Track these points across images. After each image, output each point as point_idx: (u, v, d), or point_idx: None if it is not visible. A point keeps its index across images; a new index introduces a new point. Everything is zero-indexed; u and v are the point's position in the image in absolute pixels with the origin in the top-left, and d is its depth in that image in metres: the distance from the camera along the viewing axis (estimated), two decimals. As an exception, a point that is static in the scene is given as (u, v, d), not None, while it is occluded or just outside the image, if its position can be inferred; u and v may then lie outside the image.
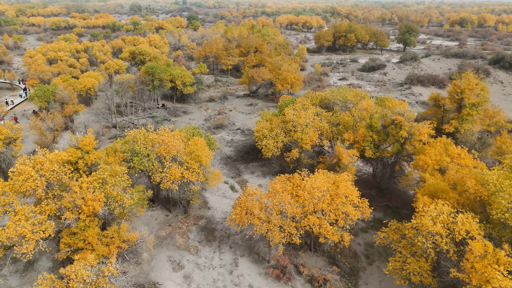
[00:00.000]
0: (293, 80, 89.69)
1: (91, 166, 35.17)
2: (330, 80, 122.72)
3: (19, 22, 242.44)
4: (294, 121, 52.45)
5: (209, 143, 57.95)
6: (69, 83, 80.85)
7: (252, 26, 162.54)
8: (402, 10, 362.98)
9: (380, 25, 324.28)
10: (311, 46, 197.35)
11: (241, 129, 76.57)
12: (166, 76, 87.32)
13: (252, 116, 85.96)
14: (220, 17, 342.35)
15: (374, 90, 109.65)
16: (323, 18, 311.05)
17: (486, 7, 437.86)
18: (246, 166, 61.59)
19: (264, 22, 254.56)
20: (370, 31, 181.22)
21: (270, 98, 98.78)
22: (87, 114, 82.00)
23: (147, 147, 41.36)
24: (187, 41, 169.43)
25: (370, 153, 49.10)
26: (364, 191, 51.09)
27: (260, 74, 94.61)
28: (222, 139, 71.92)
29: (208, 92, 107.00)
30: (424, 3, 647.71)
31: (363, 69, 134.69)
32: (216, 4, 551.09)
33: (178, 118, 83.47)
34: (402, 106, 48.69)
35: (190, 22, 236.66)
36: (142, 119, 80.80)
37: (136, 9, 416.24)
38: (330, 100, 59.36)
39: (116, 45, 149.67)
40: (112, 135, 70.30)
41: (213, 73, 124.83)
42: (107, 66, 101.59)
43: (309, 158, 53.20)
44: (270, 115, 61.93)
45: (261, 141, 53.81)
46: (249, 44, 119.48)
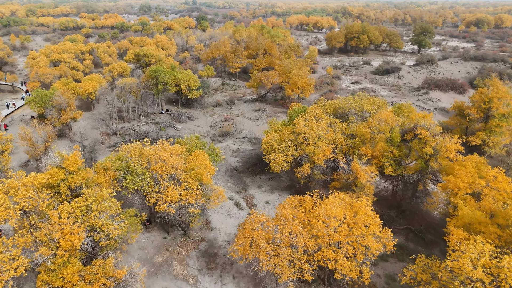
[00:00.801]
0: (303, 84, 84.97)
1: (76, 189, 31.06)
2: (342, 84, 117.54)
3: (28, 22, 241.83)
4: (306, 133, 47.81)
5: (213, 155, 53.70)
6: (70, 87, 77.44)
7: (262, 27, 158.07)
8: (415, 11, 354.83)
9: (393, 25, 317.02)
10: (322, 47, 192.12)
11: (248, 137, 72.14)
12: (171, 80, 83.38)
13: (260, 123, 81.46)
14: (229, 17, 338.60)
15: (389, 94, 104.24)
16: (334, 19, 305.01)
17: (502, 7, 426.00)
18: (253, 179, 57.09)
19: (274, 23, 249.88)
20: (383, 32, 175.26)
21: (279, 103, 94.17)
22: (88, 119, 78.41)
23: (142, 164, 37.15)
24: (195, 42, 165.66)
25: (390, 170, 44.22)
26: (382, 211, 46.26)
27: (269, 78, 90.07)
28: (227, 148, 67.56)
29: (215, 96, 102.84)
30: (437, 3, 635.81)
31: (377, 72, 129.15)
32: (226, 4, 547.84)
33: (182, 124, 79.38)
34: (426, 119, 43.68)
35: (199, 22, 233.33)
36: (145, 126, 76.91)
37: (146, 9, 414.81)
38: (344, 109, 54.54)
39: (123, 46, 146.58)
40: (112, 143, 66.48)
41: (220, 76, 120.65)
42: (111, 69, 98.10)
43: (322, 174, 48.54)
44: (279, 125, 57.38)
45: (269, 155, 49.28)
46: (258, 46, 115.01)
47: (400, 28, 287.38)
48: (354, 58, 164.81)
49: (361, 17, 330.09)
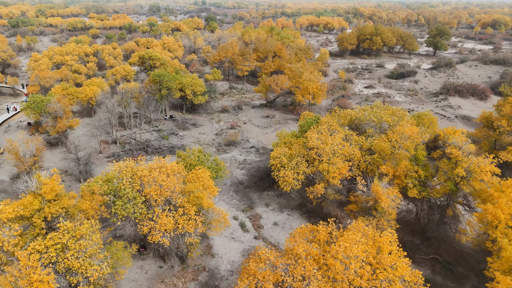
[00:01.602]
0: (315, 90, 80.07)
1: (54, 219, 26.86)
2: (355, 88, 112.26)
3: (36, 22, 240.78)
4: (319, 148, 43.01)
5: (217, 169, 49.29)
6: (69, 92, 73.84)
7: (271, 28, 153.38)
8: (429, 11, 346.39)
9: (406, 26, 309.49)
10: (333, 49, 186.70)
11: (255, 147, 67.52)
12: (175, 84, 79.22)
13: (268, 131, 76.80)
14: (238, 18, 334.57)
15: (404, 100, 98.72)
16: (345, 19, 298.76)
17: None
18: (260, 195, 52.46)
19: (284, 24, 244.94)
20: (397, 34, 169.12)
21: (289, 109, 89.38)
22: (88, 126, 74.64)
23: (135, 187, 32.78)
24: (203, 44, 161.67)
25: (415, 192, 39.20)
26: (404, 237, 41.27)
27: (278, 83, 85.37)
28: (233, 159, 63.04)
29: (222, 101, 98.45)
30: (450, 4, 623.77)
31: (391, 76, 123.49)
32: (236, 5, 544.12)
33: (186, 132, 75.15)
34: (457, 135, 38.53)
35: (208, 23, 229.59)
36: (147, 133, 72.84)
37: (155, 10, 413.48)
38: (361, 120, 49.60)
39: (129, 48, 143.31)
40: (111, 153, 62.45)
41: (227, 79, 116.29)
42: (114, 72, 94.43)
43: (337, 193, 43.74)
44: (289, 136, 52.69)
45: (278, 171, 44.63)
46: (267, 49, 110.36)
47: (413, 29, 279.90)
48: (366, 60, 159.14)
49: (373, 18, 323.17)
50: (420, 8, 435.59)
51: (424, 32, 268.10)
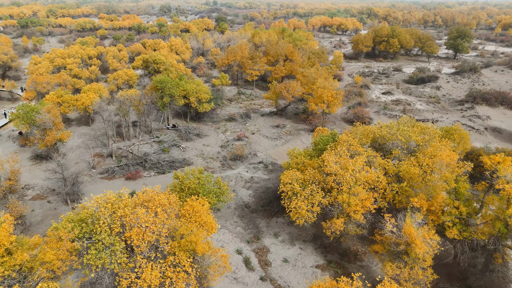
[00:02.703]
0: (330, 98, 73.40)
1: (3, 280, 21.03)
2: (372, 94, 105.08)
3: (45, 23, 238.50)
4: (338, 174, 36.53)
5: (220, 193, 43.25)
6: (64, 100, 68.70)
7: (283, 30, 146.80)
8: (446, 12, 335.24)
9: (422, 27, 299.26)
10: (347, 51, 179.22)
11: (264, 162, 61.20)
12: (178, 91, 73.46)
13: (278, 143, 70.43)
14: (249, 18, 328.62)
15: (426, 108, 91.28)
16: (359, 20, 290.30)
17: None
18: (268, 222, 46.17)
19: (296, 24, 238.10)
20: (415, 36, 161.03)
21: (301, 117, 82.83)
22: (84, 136, 69.34)
23: (114, 229, 26.80)
24: (212, 46, 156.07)
25: (455, 232, 32.47)
26: (440, 283, 34.46)
27: (290, 90, 78.92)
28: (239, 177, 56.85)
29: (229, 107, 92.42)
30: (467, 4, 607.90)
31: (410, 80, 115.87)
32: (247, 5, 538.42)
33: (189, 143, 69.29)
34: (509, 165, 31.54)
35: (218, 24, 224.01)
36: (146, 145, 67.18)
37: (166, 10, 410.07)
38: (386, 139, 42.89)
39: (135, 50, 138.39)
40: (105, 169, 56.82)
41: (236, 84, 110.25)
42: (116, 76, 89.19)
43: (359, 227, 37.19)
44: (302, 155, 46.25)
45: (289, 200, 38.29)
46: (279, 52, 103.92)
47: (430, 30, 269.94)
48: (383, 64, 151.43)
49: (387, 18, 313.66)
50: (437, 8, 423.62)
51: (442, 33, 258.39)
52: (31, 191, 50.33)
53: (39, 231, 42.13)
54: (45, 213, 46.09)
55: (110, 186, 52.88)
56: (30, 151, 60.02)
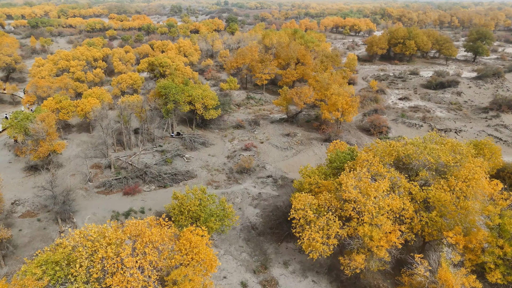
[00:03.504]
0: (345, 106, 68.38)
1: None
2: (388, 100, 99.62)
3: (56, 23, 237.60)
4: (358, 201, 31.75)
5: (223, 216, 38.89)
6: (63, 106, 65.13)
7: (295, 31, 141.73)
8: (462, 12, 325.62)
9: (438, 28, 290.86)
10: (360, 53, 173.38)
11: (273, 176, 56.54)
12: (184, 97, 69.34)
13: (289, 154, 65.67)
14: (260, 18, 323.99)
15: (447, 116, 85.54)
16: (373, 21, 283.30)
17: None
18: (277, 248, 41.56)
19: (308, 25, 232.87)
20: (432, 37, 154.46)
21: (313, 125, 77.92)
22: (83, 144, 65.63)
23: (93, 273, 22.49)
24: (221, 47, 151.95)
25: (497, 276, 27.43)
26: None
27: (301, 96, 74.11)
28: (246, 193, 52.31)
29: (237, 113, 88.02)
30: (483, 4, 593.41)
31: (429, 85, 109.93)
32: (258, 5, 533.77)
33: (194, 153, 65.05)
34: None
35: (228, 24, 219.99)
36: (148, 154, 63.16)
37: (177, 10, 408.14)
38: (412, 159, 37.86)
39: (143, 51, 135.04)
40: (102, 183, 52.78)
41: (245, 88, 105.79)
42: (120, 80, 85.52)
43: (382, 262, 32.34)
44: (316, 174, 41.47)
45: (302, 228, 33.65)
46: (290, 55, 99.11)
47: (446, 32, 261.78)
48: (398, 66, 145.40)
49: (402, 19, 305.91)
50: (452, 8, 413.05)
51: (459, 34, 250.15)
52: (21, 207, 46.61)
53: (24, 255, 38.24)
54: (34, 233, 42.24)
55: (106, 202, 48.88)
56: (25, 161, 56.48)
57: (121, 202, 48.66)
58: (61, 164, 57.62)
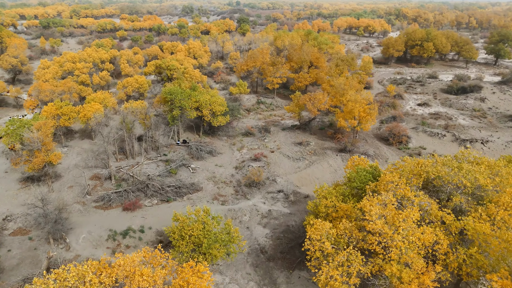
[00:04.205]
0: (362, 113, 63.74)
1: None
2: (406, 106, 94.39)
3: (67, 23, 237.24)
4: (383, 234, 27.37)
5: (228, 240, 34.95)
6: (63, 112, 62.02)
7: (308, 32, 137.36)
8: (481, 13, 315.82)
9: (455, 29, 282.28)
10: (375, 55, 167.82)
11: (284, 191, 52.29)
12: (190, 103, 65.64)
13: (301, 165, 61.30)
14: (272, 19, 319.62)
15: (471, 124, 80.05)
16: (387, 22, 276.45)
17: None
18: (289, 276, 37.33)
19: (321, 26, 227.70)
20: (451, 39, 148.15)
21: (327, 133, 73.41)
22: (84, 153, 62.39)
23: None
24: (232, 49, 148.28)
25: (555, 332, 22.71)
26: None
27: (315, 103, 69.72)
28: (254, 210, 48.19)
29: (247, 119, 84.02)
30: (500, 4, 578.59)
31: (449, 90, 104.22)
32: (270, 5, 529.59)
33: (200, 163, 61.20)
34: None
35: (240, 25, 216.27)
36: (152, 164, 59.54)
37: (188, 11, 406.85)
38: (444, 180, 33.23)
39: (152, 53, 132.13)
40: (100, 196, 49.21)
41: (255, 91, 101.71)
42: (125, 84, 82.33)
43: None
44: (333, 195, 37.08)
45: (318, 263, 29.39)
46: (303, 58, 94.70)
47: (463, 33, 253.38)
48: (415, 69, 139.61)
49: (417, 20, 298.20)
50: (469, 9, 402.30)
51: (477, 36, 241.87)
52: (13, 224, 43.36)
53: (11, 280, 34.86)
54: (24, 254, 38.86)
55: (104, 218, 45.31)
56: (21, 171, 53.40)
57: (119, 219, 45.05)
58: (59, 175, 54.38)
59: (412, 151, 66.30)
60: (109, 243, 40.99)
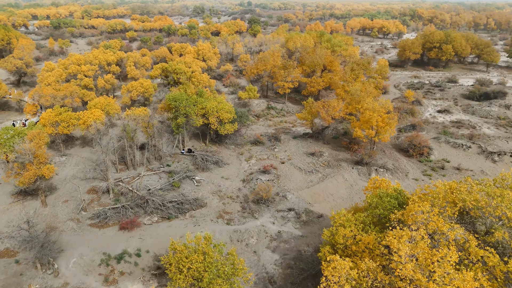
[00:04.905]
0: (380, 123, 58.93)
1: None
2: (425, 113, 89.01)
3: (78, 24, 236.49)
4: (416, 281, 22.84)
5: (233, 273, 30.86)
6: (62, 118, 58.69)
7: (321, 34, 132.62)
8: (499, 14, 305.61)
9: (472, 31, 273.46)
10: (390, 57, 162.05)
11: (295, 210, 47.92)
12: (196, 110, 61.81)
13: (314, 179, 56.77)
14: (284, 20, 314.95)
15: (496, 133, 74.48)
16: (402, 22, 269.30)
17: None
18: (300, 314, 33.01)
19: (333, 27, 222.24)
20: (471, 41, 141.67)
21: (341, 142, 68.77)
22: (83, 163, 58.99)
23: None
24: (242, 51, 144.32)
25: None
26: None
27: (329, 110, 65.15)
28: (262, 231, 43.92)
29: (256, 125, 79.92)
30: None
31: (471, 96, 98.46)
32: (282, 5, 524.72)
33: (205, 175, 57.22)
34: None
35: (251, 26, 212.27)
36: (154, 175, 55.79)
37: (199, 11, 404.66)
38: (484, 211, 28.50)
39: (160, 55, 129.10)
40: (96, 213, 45.47)
41: (265, 96, 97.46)
42: (130, 88, 78.91)
43: None
44: (352, 222, 32.61)
45: (335, 309, 25.02)
46: (316, 61, 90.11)
47: (481, 34, 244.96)
48: (433, 73, 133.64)
49: (433, 20, 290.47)
50: (487, 10, 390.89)
51: (496, 38, 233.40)
52: (0, 244, 39.94)
53: (-9, 313, 31.34)
54: (8, 280, 35.35)
55: (98, 238, 41.60)
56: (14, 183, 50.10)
57: (115, 240, 41.29)
58: (54, 187, 50.98)
59: (434, 164, 61.21)
60: (101, 268, 37.21)
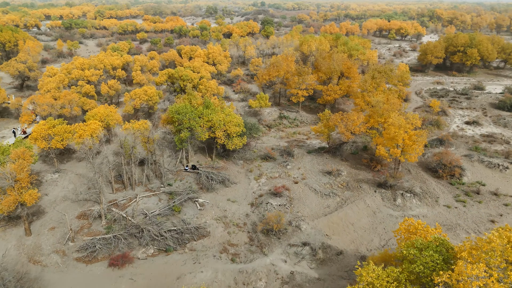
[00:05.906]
0: (407, 141, 52.33)
1: None
2: (452, 124, 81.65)
3: (89, 24, 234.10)
4: None
5: None
6: (56, 132, 53.80)
7: (337, 37, 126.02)
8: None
9: (494, 33, 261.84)
10: (409, 60, 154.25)
11: (310, 244, 41.74)
12: (202, 122, 56.27)
13: (331, 204, 50.52)
14: (298, 20, 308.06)
15: (534, 150, 66.80)
16: (421, 24, 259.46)
17: None
18: None
19: (349, 28, 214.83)
20: (497, 45, 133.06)
21: (362, 160, 62.28)
22: (77, 180, 53.97)
23: None
24: (254, 54, 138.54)
25: None
26: None
27: (348, 125, 58.77)
28: (272, 272, 37.93)
29: (267, 136, 74.04)
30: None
31: (501, 105, 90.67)
32: (295, 6, 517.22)
33: (210, 196, 51.55)
34: None
35: (263, 27, 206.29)
36: (153, 197, 50.40)
37: (212, 11, 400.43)
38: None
39: (169, 58, 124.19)
40: (84, 245, 40.12)
41: (278, 104, 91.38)
42: (133, 96, 73.87)
43: None
44: (384, 281, 26.36)
45: None
46: (332, 68, 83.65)
47: (504, 36, 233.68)
48: (457, 79, 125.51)
49: (453, 22, 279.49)
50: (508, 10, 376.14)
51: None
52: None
53: None
54: (-27, 332, 30.29)
55: (83, 278, 36.26)
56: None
57: (103, 280, 35.89)
58: (42, 211, 46.01)
59: (468, 187, 54.29)
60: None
